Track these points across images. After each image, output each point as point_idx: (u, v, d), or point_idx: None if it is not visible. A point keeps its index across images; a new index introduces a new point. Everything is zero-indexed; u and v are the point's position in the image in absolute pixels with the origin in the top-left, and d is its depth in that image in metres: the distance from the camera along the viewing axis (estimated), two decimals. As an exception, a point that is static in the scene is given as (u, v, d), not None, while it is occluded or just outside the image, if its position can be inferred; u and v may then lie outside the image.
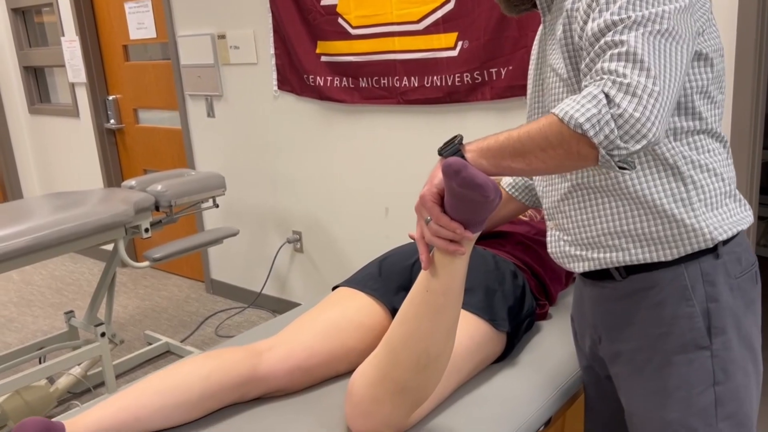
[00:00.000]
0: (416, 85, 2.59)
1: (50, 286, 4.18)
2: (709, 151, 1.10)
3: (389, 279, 1.48)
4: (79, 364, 2.76)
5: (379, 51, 2.66)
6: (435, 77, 2.54)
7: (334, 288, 1.53)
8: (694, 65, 1.06)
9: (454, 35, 2.45)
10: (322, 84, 2.89)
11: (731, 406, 1.11)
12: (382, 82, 2.69)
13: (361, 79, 2.75)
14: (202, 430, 1.22)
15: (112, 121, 4.13)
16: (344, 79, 2.81)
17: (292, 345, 1.34)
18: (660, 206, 1.08)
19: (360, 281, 1.49)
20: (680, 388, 1.10)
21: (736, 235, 1.13)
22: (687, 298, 1.09)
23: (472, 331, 1.33)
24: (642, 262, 1.11)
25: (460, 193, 1.01)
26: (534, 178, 1.27)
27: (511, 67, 2.34)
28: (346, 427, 1.20)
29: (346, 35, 2.74)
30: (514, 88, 2.34)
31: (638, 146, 0.92)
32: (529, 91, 1.28)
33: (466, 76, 2.45)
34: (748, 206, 1.17)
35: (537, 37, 1.27)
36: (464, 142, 1.07)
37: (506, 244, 1.60)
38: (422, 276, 1.14)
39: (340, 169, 3.01)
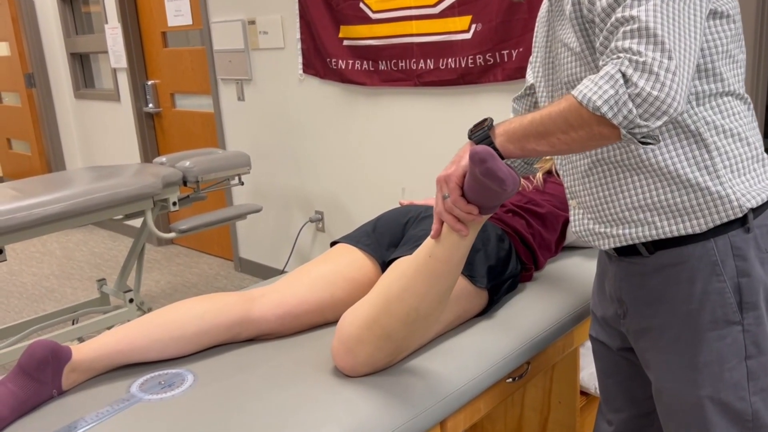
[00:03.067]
0: (432, 67, 2.68)
1: (90, 262, 4.40)
2: (733, 114, 1.08)
3: (382, 235, 1.57)
4: (108, 328, 2.92)
5: (397, 34, 2.75)
6: (450, 59, 2.61)
7: (332, 244, 1.62)
8: (714, 24, 1.04)
9: (468, 18, 2.52)
10: (344, 67, 3.00)
11: (764, 380, 1.09)
12: (400, 64, 2.78)
13: (380, 62, 2.85)
14: (194, 362, 1.34)
15: (150, 105, 4.32)
16: (365, 62, 2.91)
17: (284, 293, 1.44)
18: (684, 176, 1.06)
19: (355, 237, 1.58)
20: (712, 363, 1.09)
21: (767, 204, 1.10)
22: (717, 274, 1.07)
23: None
24: (670, 235, 1.09)
25: (480, 181, 1.08)
26: (555, 157, 1.29)
27: (521, 49, 2.40)
28: (332, 366, 1.30)
29: (366, 19, 2.83)
30: (524, 69, 2.40)
31: (659, 122, 0.93)
32: (537, 72, 1.28)
33: (479, 58, 2.52)
34: None
35: (541, 17, 1.28)
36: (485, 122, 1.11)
37: (498, 211, 1.68)
38: (429, 242, 1.23)
39: (359, 150, 3.12)
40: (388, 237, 1.57)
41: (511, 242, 1.59)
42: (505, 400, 1.66)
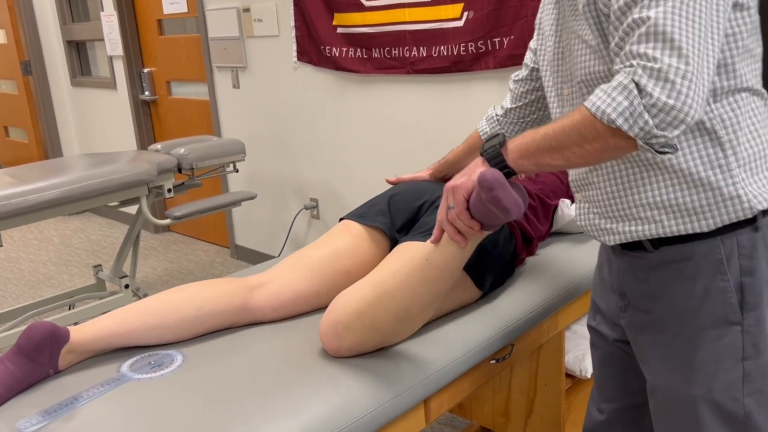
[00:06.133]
0: (424, 55, 2.69)
1: (87, 249, 4.43)
2: (749, 111, 1.04)
3: (396, 216, 1.55)
4: (103, 313, 2.96)
5: (390, 22, 2.76)
6: (442, 47, 2.63)
7: (341, 219, 1.58)
8: (734, 16, 0.99)
9: (460, 6, 2.53)
10: (337, 55, 3.01)
11: (759, 382, 1.07)
12: (393, 52, 2.80)
13: (373, 49, 2.86)
14: (184, 343, 1.37)
15: (146, 92, 4.33)
16: (358, 49, 2.92)
17: (282, 284, 1.44)
18: (695, 174, 1.02)
19: (369, 217, 1.55)
20: (707, 362, 1.07)
21: None
22: (721, 273, 1.05)
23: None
24: (676, 234, 1.06)
25: (486, 205, 1.11)
26: None
27: (512, 37, 2.42)
28: (319, 347, 1.32)
29: (360, 7, 2.85)
30: (515, 57, 2.42)
31: (677, 131, 0.90)
32: (543, 60, 1.24)
33: (471, 46, 2.54)
34: None
35: (546, 2, 1.24)
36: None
37: None
38: (429, 246, 1.25)
39: (353, 138, 3.14)
40: (402, 218, 1.55)
41: (515, 239, 1.59)
42: (490, 381, 1.70)
